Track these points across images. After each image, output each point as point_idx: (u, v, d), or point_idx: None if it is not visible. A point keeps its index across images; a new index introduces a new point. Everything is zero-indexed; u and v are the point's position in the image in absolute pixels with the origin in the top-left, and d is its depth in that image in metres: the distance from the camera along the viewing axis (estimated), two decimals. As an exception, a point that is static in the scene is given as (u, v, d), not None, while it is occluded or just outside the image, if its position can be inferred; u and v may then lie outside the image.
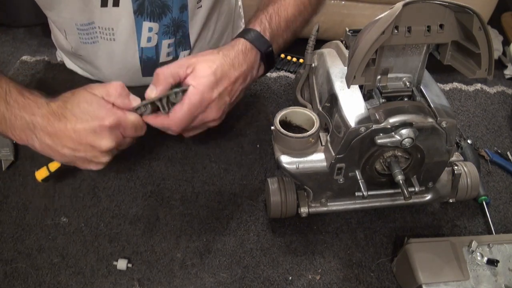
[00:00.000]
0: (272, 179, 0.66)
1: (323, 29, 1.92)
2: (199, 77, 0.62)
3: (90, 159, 0.60)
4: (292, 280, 0.63)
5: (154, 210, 0.70)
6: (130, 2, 0.76)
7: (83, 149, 0.58)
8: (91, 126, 0.57)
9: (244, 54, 0.68)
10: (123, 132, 0.60)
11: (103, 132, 0.58)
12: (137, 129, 0.61)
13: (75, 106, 0.58)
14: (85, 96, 0.59)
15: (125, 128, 0.60)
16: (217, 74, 0.63)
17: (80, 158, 0.60)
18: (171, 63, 0.64)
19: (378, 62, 0.55)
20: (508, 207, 0.73)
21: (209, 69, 0.63)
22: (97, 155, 0.59)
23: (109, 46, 0.83)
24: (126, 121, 0.59)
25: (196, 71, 0.63)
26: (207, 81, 0.62)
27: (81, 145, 0.58)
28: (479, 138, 0.83)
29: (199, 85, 0.62)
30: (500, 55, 2.14)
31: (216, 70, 0.63)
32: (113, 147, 0.59)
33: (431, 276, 0.57)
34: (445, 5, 0.49)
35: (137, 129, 0.61)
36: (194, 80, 0.62)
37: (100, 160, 0.60)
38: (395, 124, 0.55)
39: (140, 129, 0.62)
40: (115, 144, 0.59)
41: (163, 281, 0.62)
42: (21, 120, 0.58)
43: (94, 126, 0.57)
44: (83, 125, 0.57)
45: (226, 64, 0.65)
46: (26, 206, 0.69)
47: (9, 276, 0.62)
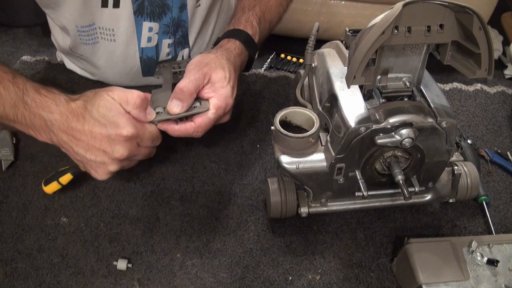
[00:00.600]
0: (272, 179, 0.66)
1: (323, 29, 1.93)
2: (219, 88, 0.64)
3: (99, 164, 0.59)
4: (292, 280, 0.63)
5: (154, 210, 0.70)
6: (130, 3, 0.76)
7: (95, 153, 0.58)
8: (108, 133, 0.57)
9: (239, 57, 0.72)
10: (140, 142, 0.60)
11: (119, 140, 0.57)
12: (154, 140, 0.61)
13: (94, 109, 0.58)
14: (106, 100, 0.58)
15: (142, 139, 0.60)
16: (231, 81, 0.65)
17: (90, 161, 0.59)
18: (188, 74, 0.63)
19: (378, 62, 0.55)
20: (508, 207, 0.73)
21: (225, 79, 0.64)
22: (107, 162, 0.58)
23: (109, 47, 0.83)
24: (144, 133, 0.60)
25: (214, 82, 0.64)
26: (226, 91, 0.64)
27: (94, 148, 0.58)
28: (479, 138, 0.83)
29: (221, 95, 0.63)
30: (500, 55, 2.14)
31: (229, 78, 0.65)
32: (126, 156, 0.58)
33: (431, 276, 0.57)
34: (445, 5, 0.49)
35: (154, 140, 0.62)
36: (215, 91, 0.64)
37: (108, 168, 0.59)
38: (395, 124, 0.55)
39: (157, 140, 0.62)
40: (128, 153, 0.58)
41: (163, 281, 0.62)
42: (40, 118, 0.58)
43: (111, 134, 0.57)
44: (100, 129, 0.57)
45: (232, 69, 0.67)
46: (26, 206, 0.69)
47: (9, 276, 0.62)
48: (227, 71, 0.65)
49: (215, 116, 0.63)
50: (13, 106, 0.59)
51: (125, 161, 0.60)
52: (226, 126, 0.72)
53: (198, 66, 0.64)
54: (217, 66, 0.65)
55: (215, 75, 0.64)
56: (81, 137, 0.58)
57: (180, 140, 0.75)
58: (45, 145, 0.76)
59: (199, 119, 0.63)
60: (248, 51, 0.74)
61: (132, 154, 0.59)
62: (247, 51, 0.74)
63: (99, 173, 0.60)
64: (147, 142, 0.61)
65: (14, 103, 0.59)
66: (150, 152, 0.63)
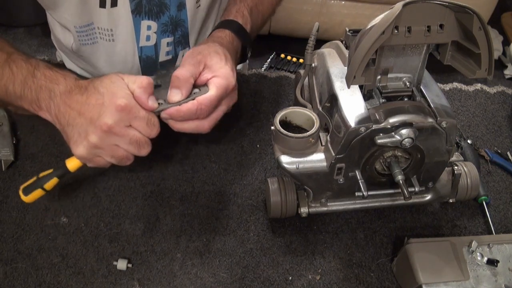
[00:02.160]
0: (272, 179, 0.66)
1: (323, 29, 1.93)
2: (218, 69, 0.62)
3: (81, 133, 0.57)
4: (292, 280, 0.63)
5: (154, 210, 0.70)
6: (128, 2, 0.76)
7: (82, 120, 0.56)
8: (102, 100, 0.56)
9: (232, 44, 0.71)
10: (132, 122, 0.57)
11: (110, 109, 0.55)
12: (148, 124, 0.58)
13: (99, 82, 0.58)
14: (113, 76, 0.58)
15: (135, 116, 0.57)
16: (228, 62, 0.64)
17: (74, 129, 0.57)
18: (183, 64, 0.63)
19: (378, 62, 0.55)
20: (508, 207, 0.73)
21: (221, 61, 0.63)
22: (89, 130, 0.56)
23: (108, 47, 0.83)
24: (139, 111, 0.57)
25: (211, 66, 0.63)
26: (226, 70, 0.63)
27: (83, 116, 0.56)
28: (479, 138, 0.83)
29: (221, 73, 0.62)
30: (500, 55, 2.14)
31: (226, 59, 0.64)
32: (110, 126, 0.55)
33: (431, 276, 0.57)
34: (445, 5, 0.49)
35: (149, 124, 0.58)
36: (213, 72, 0.62)
37: (88, 138, 0.56)
38: (395, 124, 0.55)
39: (152, 126, 0.58)
40: (114, 124, 0.55)
41: (163, 281, 0.62)
42: (45, 90, 0.59)
43: (105, 101, 0.56)
44: (96, 97, 0.56)
45: (227, 53, 0.66)
46: (26, 206, 0.69)
47: (9, 276, 0.62)
48: (222, 54, 0.64)
49: (217, 94, 0.61)
50: (22, 82, 0.60)
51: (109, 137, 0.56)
52: (226, 126, 0.72)
53: (191, 56, 0.64)
54: (211, 52, 0.64)
55: (210, 60, 0.63)
56: (76, 106, 0.57)
57: (182, 137, 0.75)
58: (45, 145, 0.76)
59: (200, 97, 0.61)
60: (240, 39, 0.73)
61: (118, 130, 0.56)
62: (239, 39, 0.73)
63: (77, 144, 0.57)
64: (139, 124, 0.57)
65: (24, 79, 0.60)
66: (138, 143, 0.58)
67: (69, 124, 0.58)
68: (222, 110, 0.65)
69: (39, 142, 0.77)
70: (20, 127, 0.79)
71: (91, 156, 0.58)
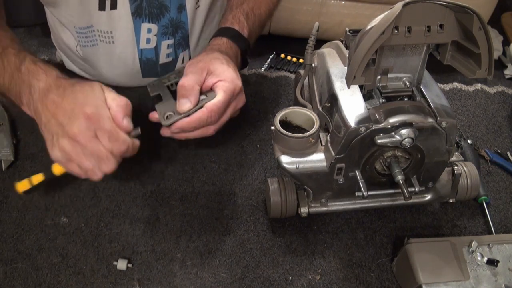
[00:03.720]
0: (272, 179, 0.66)
1: (323, 29, 1.93)
2: (222, 73, 0.63)
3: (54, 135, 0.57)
4: (292, 280, 0.63)
5: (154, 210, 0.70)
6: (128, 4, 0.76)
7: (54, 124, 0.57)
8: (73, 107, 0.56)
9: (231, 50, 0.72)
10: (97, 132, 0.56)
11: (78, 116, 0.56)
12: (110, 138, 0.56)
13: (79, 87, 0.58)
14: (94, 85, 0.59)
15: (100, 127, 0.56)
16: (231, 65, 0.65)
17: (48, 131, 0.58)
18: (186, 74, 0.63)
19: (378, 62, 0.55)
20: (508, 207, 0.73)
21: (223, 64, 0.64)
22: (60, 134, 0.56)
23: (108, 49, 0.83)
24: (105, 121, 0.56)
25: (214, 71, 0.63)
26: (230, 73, 0.63)
27: (54, 119, 0.57)
28: (479, 138, 0.83)
29: (226, 77, 0.63)
30: (500, 55, 2.14)
31: (228, 63, 0.65)
32: (77, 134, 0.55)
33: (431, 276, 0.57)
34: (445, 5, 0.49)
35: (111, 138, 0.56)
36: (218, 76, 0.63)
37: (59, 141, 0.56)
38: (395, 124, 0.55)
39: (114, 141, 0.57)
40: (79, 133, 0.55)
41: (163, 281, 0.62)
42: (27, 86, 0.60)
43: (74, 108, 0.56)
44: (69, 103, 0.57)
45: (228, 57, 0.67)
46: (26, 206, 0.69)
47: (9, 276, 0.62)
48: (223, 59, 0.65)
49: (225, 98, 0.62)
50: (10, 76, 0.62)
51: (75, 146, 0.56)
52: (226, 126, 0.72)
53: (193, 64, 0.64)
54: (211, 59, 0.65)
55: (212, 66, 0.64)
56: (51, 107, 0.57)
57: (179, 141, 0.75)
58: (45, 145, 0.76)
59: (209, 104, 0.61)
60: (238, 45, 0.74)
61: (82, 139, 0.55)
62: (237, 45, 0.74)
63: (52, 148, 0.58)
64: (101, 135, 0.56)
65: (12, 73, 0.61)
66: (98, 157, 0.56)
67: (45, 125, 0.59)
68: (229, 113, 0.65)
69: (39, 142, 0.77)
70: (20, 127, 0.79)
71: (65, 160, 0.58)
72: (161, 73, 0.89)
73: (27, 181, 0.66)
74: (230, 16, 0.77)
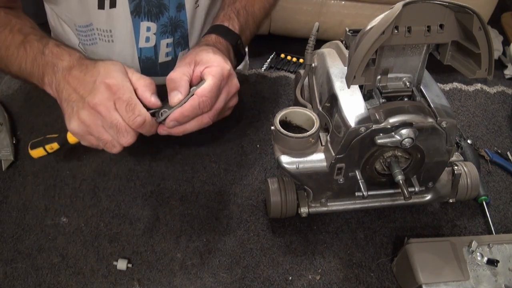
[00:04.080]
0: (272, 179, 0.66)
1: (323, 29, 1.93)
2: (209, 60, 0.63)
3: (73, 107, 0.59)
4: (292, 280, 0.63)
5: (154, 210, 0.70)
6: (127, 3, 0.76)
7: (75, 96, 0.58)
8: (94, 79, 0.58)
9: (220, 43, 0.73)
10: (116, 102, 0.57)
11: (99, 87, 0.57)
12: (127, 108, 0.57)
13: (101, 63, 0.60)
14: (117, 62, 0.61)
15: (119, 97, 0.57)
16: (218, 53, 0.66)
17: (68, 104, 0.59)
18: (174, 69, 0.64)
19: (378, 62, 0.55)
20: (508, 207, 0.73)
21: (209, 53, 0.65)
22: (80, 106, 0.58)
23: (108, 48, 0.83)
24: (124, 92, 0.57)
25: (201, 60, 0.64)
26: (217, 58, 0.64)
27: (76, 92, 0.58)
28: (479, 138, 0.83)
29: (213, 62, 0.63)
30: (500, 55, 2.14)
31: (214, 52, 0.66)
32: (96, 103, 0.56)
33: (431, 276, 0.57)
34: (445, 5, 0.49)
35: (128, 108, 0.57)
36: (206, 63, 0.63)
37: (79, 113, 0.57)
38: (395, 124, 0.55)
39: (131, 111, 0.57)
40: (99, 102, 0.56)
41: (163, 281, 0.62)
42: (50, 66, 0.62)
43: (96, 80, 0.58)
44: (91, 77, 0.58)
45: (215, 49, 0.68)
46: (26, 206, 0.69)
47: (9, 276, 0.62)
48: (210, 49, 0.66)
49: (214, 82, 0.61)
50: (32, 60, 0.64)
51: (95, 116, 0.57)
52: (227, 126, 0.72)
53: (181, 60, 0.66)
54: (198, 51, 0.66)
55: (198, 57, 0.64)
56: (73, 81, 0.59)
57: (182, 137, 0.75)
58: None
59: (199, 89, 0.61)
60: (227, 39, 0.74)
61: (102, 109, 0.56)
62: (226, 40, 0.74)
63: (70, 119, 0.59)
64: (120, 106, 0.57)
65: (35, 56, 0.64)
66: (117, 128, 0.58)
67: (65, 99, 0.60)
68: (223, 99, 0.65)
69: (39, 142, 0.77)
70: (20, 127, 0.79)
71: (83, 132, 0.60)
72: (161, 72, 0.89)
73: (41, 149, 0.68)
74: (222, 14, 0.78)
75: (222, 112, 0.68)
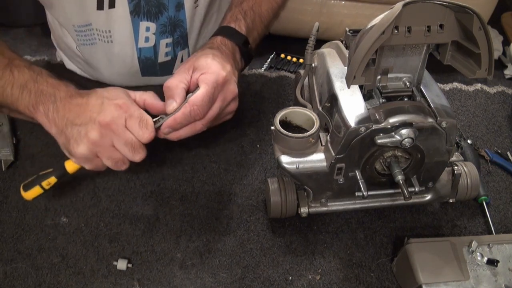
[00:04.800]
0: (272, 179, 0.66)
1: (323, 29, 1.93)
2: (205, 66, 0.63)
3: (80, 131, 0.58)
4: (292, 280, 0.63)
5: (154, 210, 0.70)
6: (126, 3, 0.76)
7: (82, 119, 0.58)
8: (102, 101, 0.58)
9: (225, 46, 0.72)
10: (128, 120, 0.58)
11: (108, 106, 0.58)
12: (140, 124, 0.59)
13: (102, 90, 0.60)
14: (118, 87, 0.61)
15: (130, 115, 0.58)
16: (216, 58, 0.65)
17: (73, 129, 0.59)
18: (173, 75, 0.64)
19: (378, 62, 0.55)
20: (508, 207, 0.73)
21: (207, 57, 0.65)
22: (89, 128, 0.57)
23: (107, 48, 0.83)
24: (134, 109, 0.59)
25: (198, 66, 0.64)
26: (213, 65, 0.64)
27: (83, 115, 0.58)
28: (479, 138, 0.83)
29: (208, 69, 0.63)
30: (500, 55, 2.14)
31: (213, 57, 0.65)
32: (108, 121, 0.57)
33: (431, 276, 0.57)
34: (445, 5, 0.49)
35: (141, 124, 0.59)
36: (200, 71, 0.63)
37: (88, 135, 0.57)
38: (395, 124, 0.55)
39: (144, 127, 0.59)
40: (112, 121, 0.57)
41: (163, 281, 0.62)
42: (46, 94, 0.60)
43: (104, 101, 0.58)
44: (97, 100, 0.59)
45: (217, 52, 0.67)
46: (26, 206, 0.69)
47: (9, 276, 0.62)
48: (209, 54, 0.66)
49: (207, 90, 0.61)
50: (22, 86, 0.61)
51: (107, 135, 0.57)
52: (226, 126, 0.72)
53: (181, 66, 0.66)
54: (198, 56, 0.66)
55: (197, 62, 0.64)
56: (76, 108, 0.59)
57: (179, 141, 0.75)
58: (45, 145, 0.76)
59: (191, 98, 0.61)
60: (234, 41, 0.74)
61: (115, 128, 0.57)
62: (232, 41, 0.74)
63: (78, 143, 0.58)
64: (132, 123, 0.58)
65: (25, 83, 0.61)
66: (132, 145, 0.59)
67: (68, 125, 0.59)
68: (217, 106, 0.65)
69: (39, 142, 0.77)
70: (20, 127, 0.79)
71: (91, 155, 0.59)
72: (160, 72, 0.89)
73: (38, 187, 0.64)
74: (229, 15, 0.78)
75: (219, 118, 0.68)
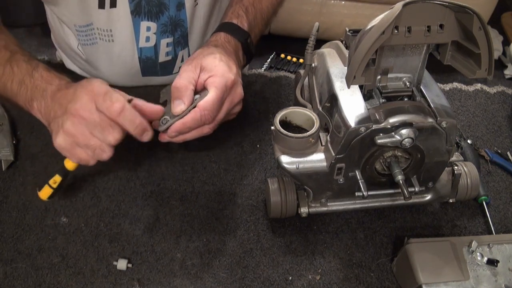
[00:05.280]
0: (272, 179, 0.66)
1: (323, 29, 1.93)
2: (213, 68, 0.63)
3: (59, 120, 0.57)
4: (292, 280, 0.63)
5: (154, 210, 0.70)
6: (127, 2, 0.76)
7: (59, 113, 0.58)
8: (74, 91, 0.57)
9: (229, 43, 0.72)
10: (96, 101, 0.56)
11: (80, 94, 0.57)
12: (105, 98, 0.56)
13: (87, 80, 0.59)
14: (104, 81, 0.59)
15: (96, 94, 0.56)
16: (223, 59, 0.65)
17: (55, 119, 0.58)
18: (180, 73, 0.64)
19: (378, 62, 0.55)
20: (508, 207, 0.73)
21: (215, 59, 0.64)
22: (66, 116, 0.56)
23: (108, 48, 0.83)
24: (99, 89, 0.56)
25: (206, 66, 0.64)
26: (221, 68, 0.63)
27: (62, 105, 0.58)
28: (479, 138, 0.83)
29: (217, 72, 0.63)
30: (500, 55, 2.14)
31: (220, 57, 0.65)
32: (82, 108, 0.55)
33: (431, 276, 0.57)
34: (445, 5, 0.49)
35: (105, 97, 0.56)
36: (210, 72, 0.63)
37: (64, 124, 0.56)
38: (395, 124, 0.55)
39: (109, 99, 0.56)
40: (81, 108, 0.55)
41: (163, 281, 0.62)
42: (39, 90, 0.61)
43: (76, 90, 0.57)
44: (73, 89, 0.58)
45: (223, 51, 0.67)
46: (26, 206, 0.69)
47: (9, 276, 0.62)
48: (216, 53, 0.65)
49: (217, 94, 0.61)
50: (20, 81, 0.62)
51: (78, 122, 0.56)
52: (226, 126, 0.72)
53: (187, 63, 0.65)
54: (205, 54, 0.65)
55: (205, 62, 0.64)
56: (60, 99, 0.59)
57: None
58: (45, 145, 0.76)
59: (201, 102, 0.61)
60: (236, 38, 0.74)
61: (84, 113, 0.55)
62: (235, 38, 0.73)
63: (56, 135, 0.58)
64: (101, 103, 0.56)
65: (23, 78, 0.62)
66: (102, 126, 0.56)
67: (53, 118, 0.60)
68: (225, 109, 0.65)
69: (39, 142, 0.77)
70: (20, 127, 0.79)
71: (70, 146, 0.58)
72: (161, 72, 0.89)
73: (47, 187, 0.65)
74: (230, 11, 0.78)
75: (225, 119, 0.68)
